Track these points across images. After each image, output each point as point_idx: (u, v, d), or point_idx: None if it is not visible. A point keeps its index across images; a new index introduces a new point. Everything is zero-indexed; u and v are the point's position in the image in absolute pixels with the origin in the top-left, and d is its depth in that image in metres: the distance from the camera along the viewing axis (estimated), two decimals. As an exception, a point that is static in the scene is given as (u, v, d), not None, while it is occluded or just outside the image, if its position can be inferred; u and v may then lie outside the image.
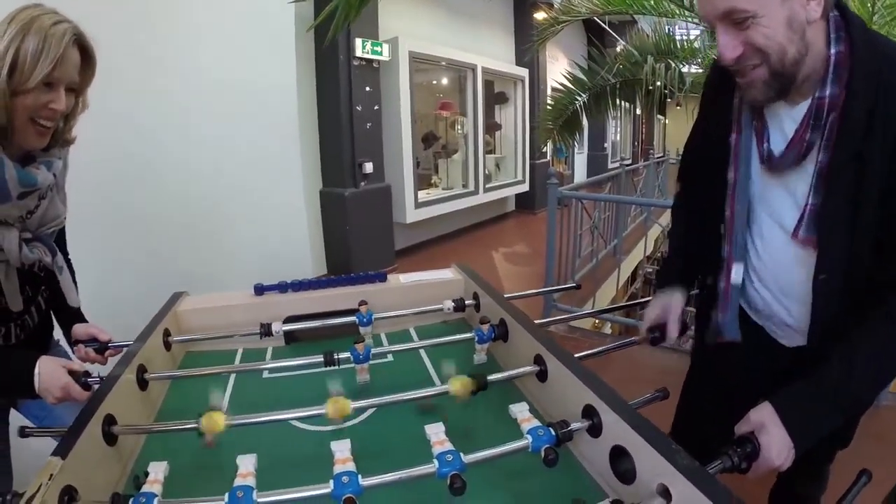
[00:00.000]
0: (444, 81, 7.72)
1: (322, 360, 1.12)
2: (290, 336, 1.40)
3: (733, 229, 1.04)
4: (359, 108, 4.99)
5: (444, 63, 6.62)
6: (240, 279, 2.75)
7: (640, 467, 0.79)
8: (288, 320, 1.39)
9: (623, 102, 4.13)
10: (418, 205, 6.23)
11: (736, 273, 1.07)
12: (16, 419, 1.34)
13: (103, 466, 0.96)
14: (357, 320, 1.28)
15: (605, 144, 13.02)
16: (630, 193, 7.86)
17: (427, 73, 7.13)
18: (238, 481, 0.76)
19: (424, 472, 0.76)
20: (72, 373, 1.10)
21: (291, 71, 3.21)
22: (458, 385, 0.97)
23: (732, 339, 1.10)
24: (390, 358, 1.33)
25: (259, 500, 0.72)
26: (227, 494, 0.73)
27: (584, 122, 4.21)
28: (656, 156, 11.55)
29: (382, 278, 1.55)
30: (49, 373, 1.07)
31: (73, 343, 1.34)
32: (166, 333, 1.42)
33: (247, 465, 0.80)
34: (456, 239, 7.19)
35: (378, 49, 5.06)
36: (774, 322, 1.09)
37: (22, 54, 0.98)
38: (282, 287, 1.50)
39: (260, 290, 1.50)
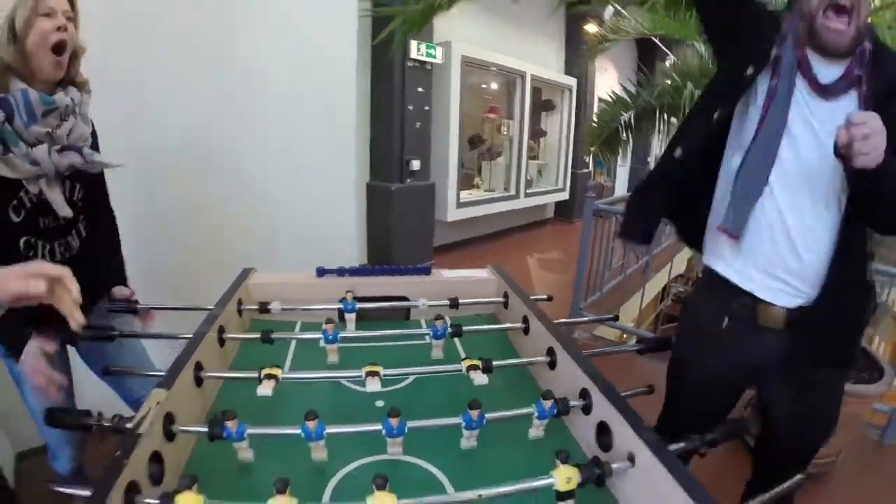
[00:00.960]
0: (493, 86, 7.92)
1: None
2: (342, 313, 1.64)
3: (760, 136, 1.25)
4: (410, 108, 5.24)
5: (494, 68, 6.82)
6: (284, 262, 2.98)
7: (616, 439, 0.99)
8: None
9: (669, 118, 4.24)
10: (460, 204, 6.46)
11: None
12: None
13: (192, 403, 1.19)
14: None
15: (649, 158, 12.99)
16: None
17: (477, 76, 7.36)
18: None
19: (453, 423, 0.99)
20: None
21: (351, 72, 3.43)
22: (468, 364, 1.19)
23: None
24: (428, 340, 1.56)
25: (328, 430, 0.96)
26: (301, 425, 0.97)
27: (628, 139, 4.34)
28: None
29: (427, 271, 1.78)
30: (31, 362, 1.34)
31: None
32: (239, 303, 1.68)
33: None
34: (493, 241, 7.38)
35: (432, 52, 5.29)
36: (778, 269, 1.25)
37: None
38: (340, 272, 1.75)
39: (321, 272, 1.75)
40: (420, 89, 5.34)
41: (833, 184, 1.19)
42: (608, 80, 9.55)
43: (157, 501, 0.80)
